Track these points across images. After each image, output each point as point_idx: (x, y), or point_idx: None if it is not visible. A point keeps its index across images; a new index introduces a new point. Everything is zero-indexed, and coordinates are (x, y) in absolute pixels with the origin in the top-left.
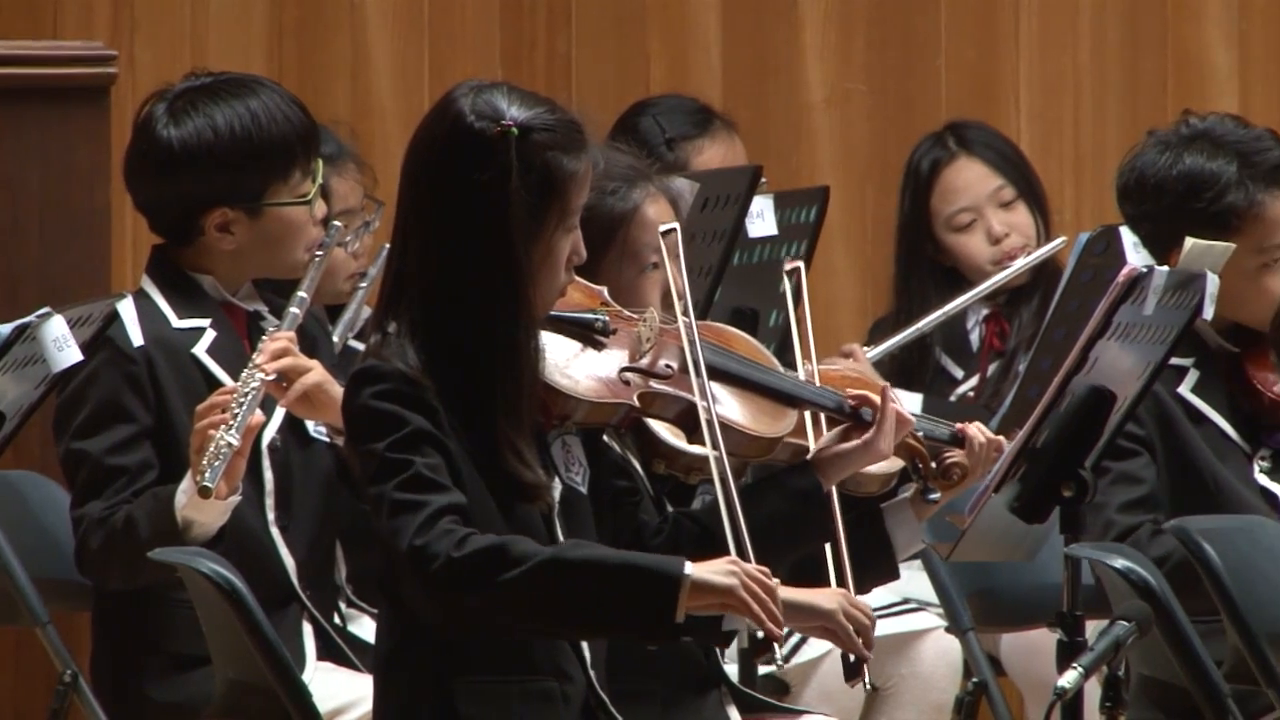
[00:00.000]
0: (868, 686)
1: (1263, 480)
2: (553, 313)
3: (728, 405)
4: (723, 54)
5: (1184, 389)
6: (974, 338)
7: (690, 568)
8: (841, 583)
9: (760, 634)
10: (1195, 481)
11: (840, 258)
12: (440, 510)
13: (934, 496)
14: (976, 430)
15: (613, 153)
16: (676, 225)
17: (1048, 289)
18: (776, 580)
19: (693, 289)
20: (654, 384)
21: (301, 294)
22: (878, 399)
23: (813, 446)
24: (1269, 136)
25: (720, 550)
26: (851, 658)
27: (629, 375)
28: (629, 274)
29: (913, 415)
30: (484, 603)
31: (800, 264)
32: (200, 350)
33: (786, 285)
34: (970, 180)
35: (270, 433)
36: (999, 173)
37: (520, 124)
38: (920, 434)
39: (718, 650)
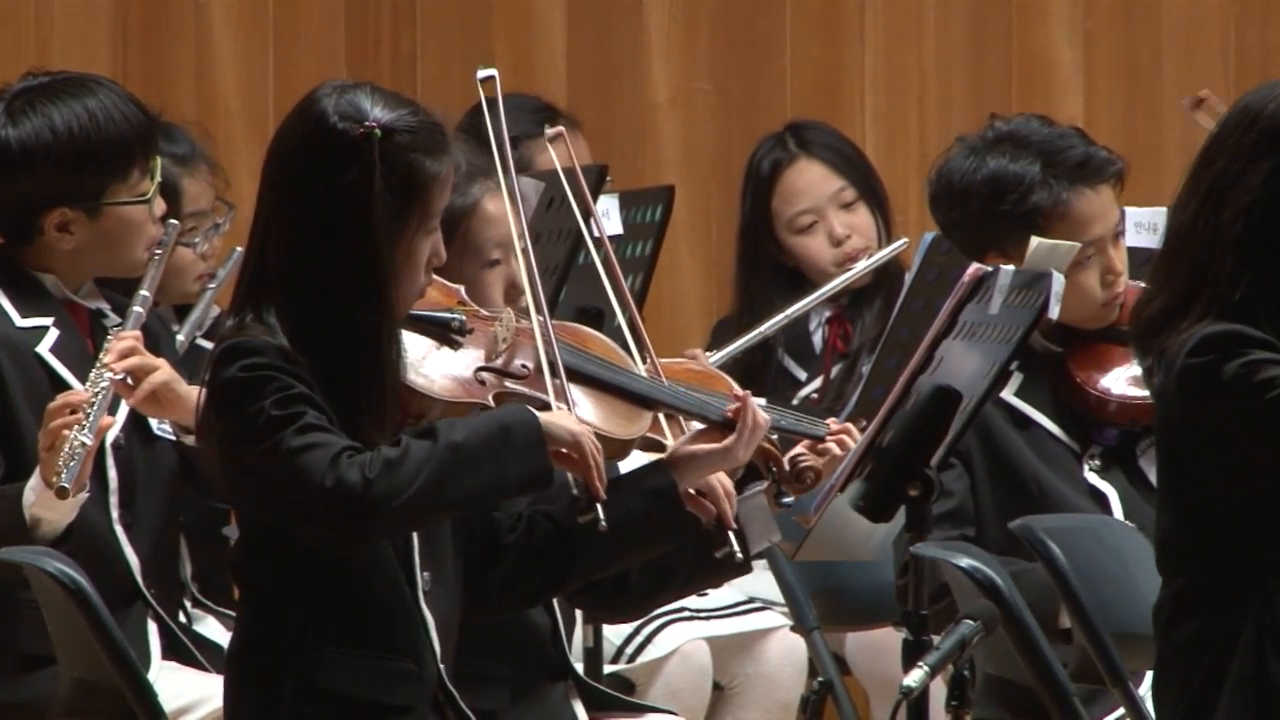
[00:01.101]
0: (737, 558)
1: (1093, 479)
2: (410, 311)
3: (584, 406)
4: (567, 53)
5: (1008, 393)
6: (817, 339)
7: (541, 417)
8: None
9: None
10: (1018, 486)
11: (685, 257)
12: (342, 449)
13: (787, 500)
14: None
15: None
16: (493, 71)
17: (890, 290)
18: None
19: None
20: (509, 384)
21: (144, 292)
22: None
23: (670, 445)
24: (1074, 134)
25: (581, 548)
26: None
27: (485, 375)
28: (471, 269)
29: (779, 411)
30: (406, 511)
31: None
32: (44, 349)
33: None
34: (811, 182)
35: (114, 431)
36: (840, 174)
37: (383, 125)
38: (775, 436)
39: (565, 643)
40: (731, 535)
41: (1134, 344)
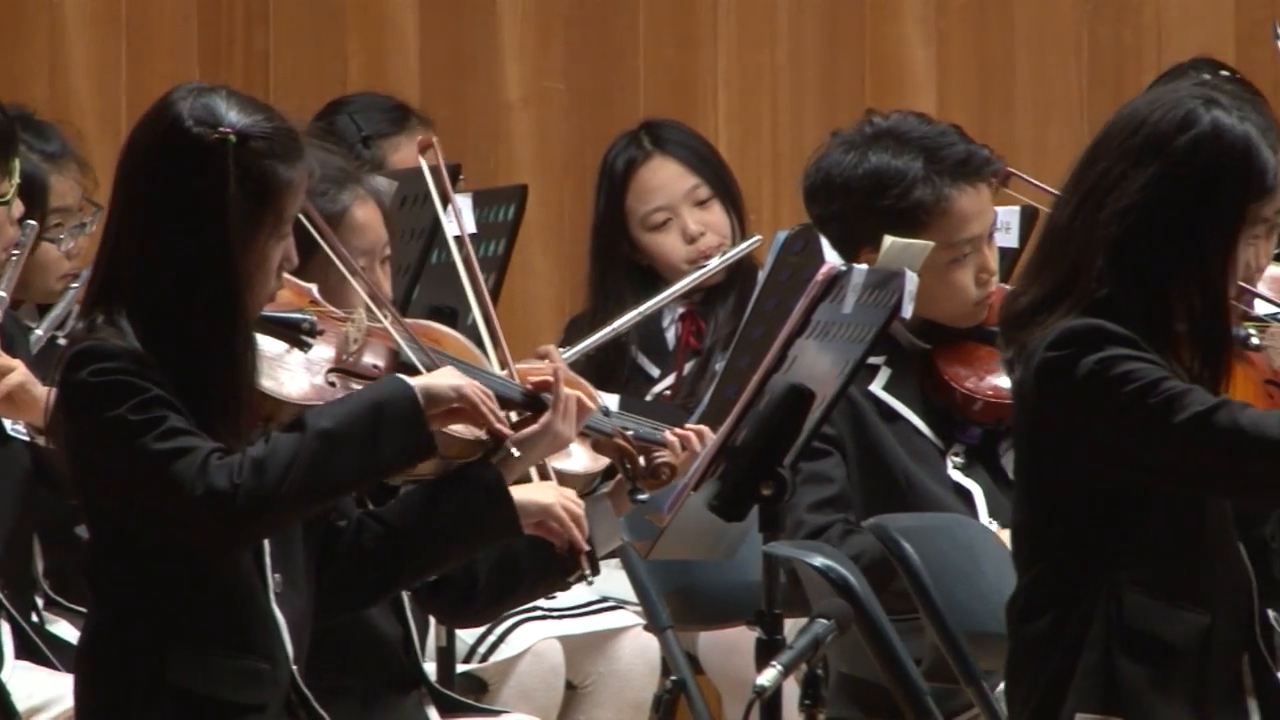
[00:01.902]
0: (589, 579)
1: (956, 476)
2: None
3: None
4: (420, 52)
5: (876, 387)
6: (670, 336)
7: (414, 382)
8: (545, 477)
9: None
10: (887, 479)
11: (538, 256)
12: (209, 453)
13: (642, 496)
14: (676, 436)
15: (323, 154)
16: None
17: (743, 288)
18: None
19: (392, 286)
20: (360, 384)
21: (0, 293)
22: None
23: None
24: (953, 132)
25: (408, 549)
26: (570, 550)
27: (335, 376)
28: (336, 275)
29: (617, 413)
30: (281, 508)
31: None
32: None
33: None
34: (665, 179)
35: None
36: (694, 172)
37: (238, 131)
38: (631, 434)
39: (418, 651)
40: (584, 558)
41: (1000, 335)
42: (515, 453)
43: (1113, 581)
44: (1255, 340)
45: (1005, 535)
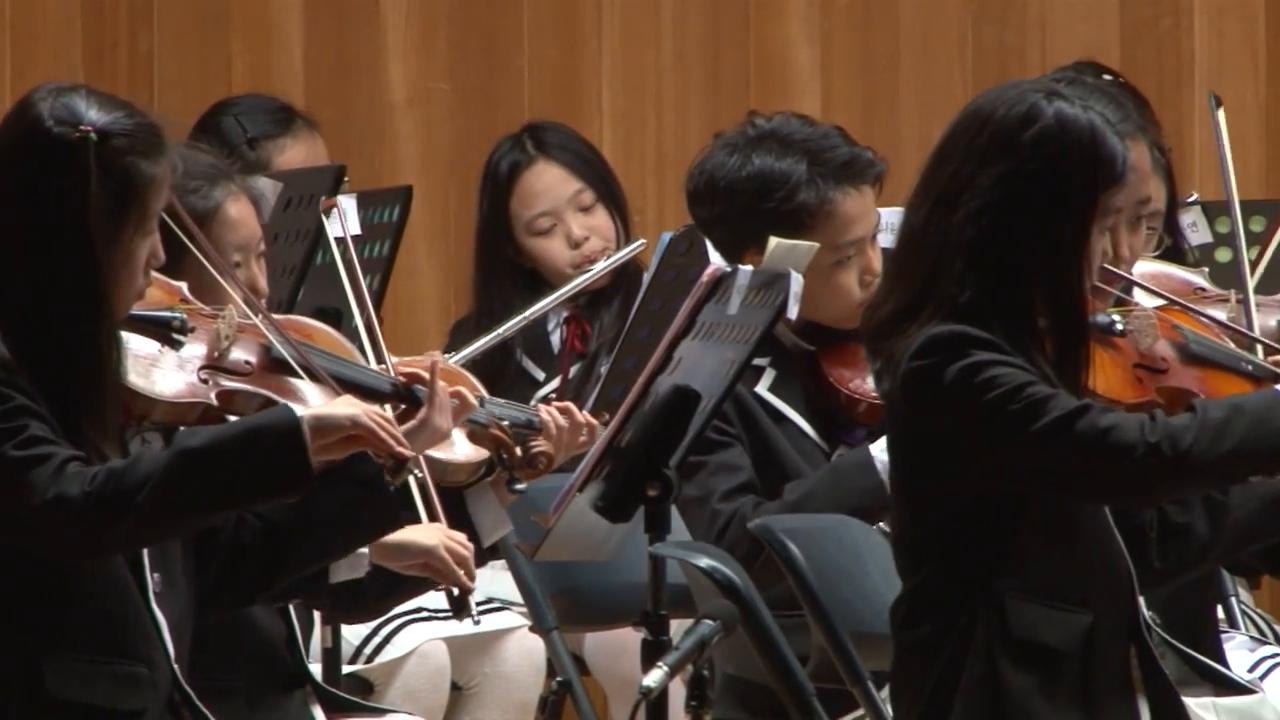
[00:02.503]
0: (475, 619)
1: None
2: (129, 311)
3: (312, 400)
4: (305, 53)
5: (761, 388)
6: (555, 340)
7: (304, 410)
8: (434, 518)
9: (456, 591)
10: (779, 478)
11: (423, 257)
12: (66, 459)
13: (520, 486)
14: (549, 415)
15: (194, 152)
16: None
17: (628, 291)
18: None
19: (276, 288)
20: (233, 381)
21: None
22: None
23: None
24: (836, 134)
25: (288, 545)
26: (455, 592)
27: (206, 373)
28: (209, 272)
29: (490, 400)
30: (136, 521)
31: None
32: None
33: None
34: (549, 184)
35: None
36: (577, 176)
37: (99, 129)
38: (506, 422)
39: (302, 650)
40: (468, 600)
41: (866, 347)
42: (418, 473)
43: (993, 589)
44: (1120, 326)
45: None
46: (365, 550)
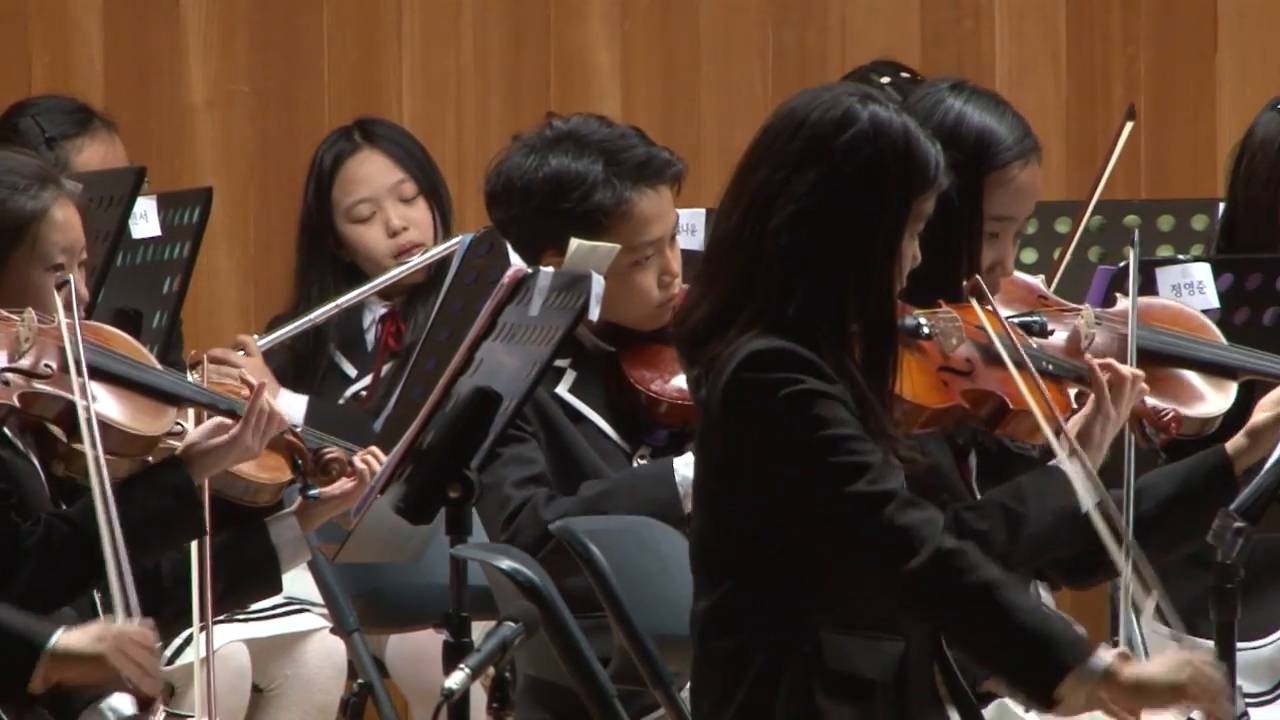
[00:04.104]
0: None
1: None
2: None
3: (107, 404)
4: (104, 54)
5: (562, 389)
6: (370, 336)
7: (58, 638)
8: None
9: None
10: (577, 479)
11: (223, 259)
12: None
13: (314, 493)
14: (364, 463)
15: (19, 155)
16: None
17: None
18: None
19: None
20: (34, 384)
21: None
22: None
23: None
24: (633, 134)
25: (97, 550)
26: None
27: (9, 376)
28: (35, 274)
29: (310, 433)
30: None
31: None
32: None
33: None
34: (371, 172)
35: None
36: (401, 167)
37: None
38: (299, 430)
39: None
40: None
41: (679, 353)
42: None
43: (807, 624)
44: (926, 329)
45: None
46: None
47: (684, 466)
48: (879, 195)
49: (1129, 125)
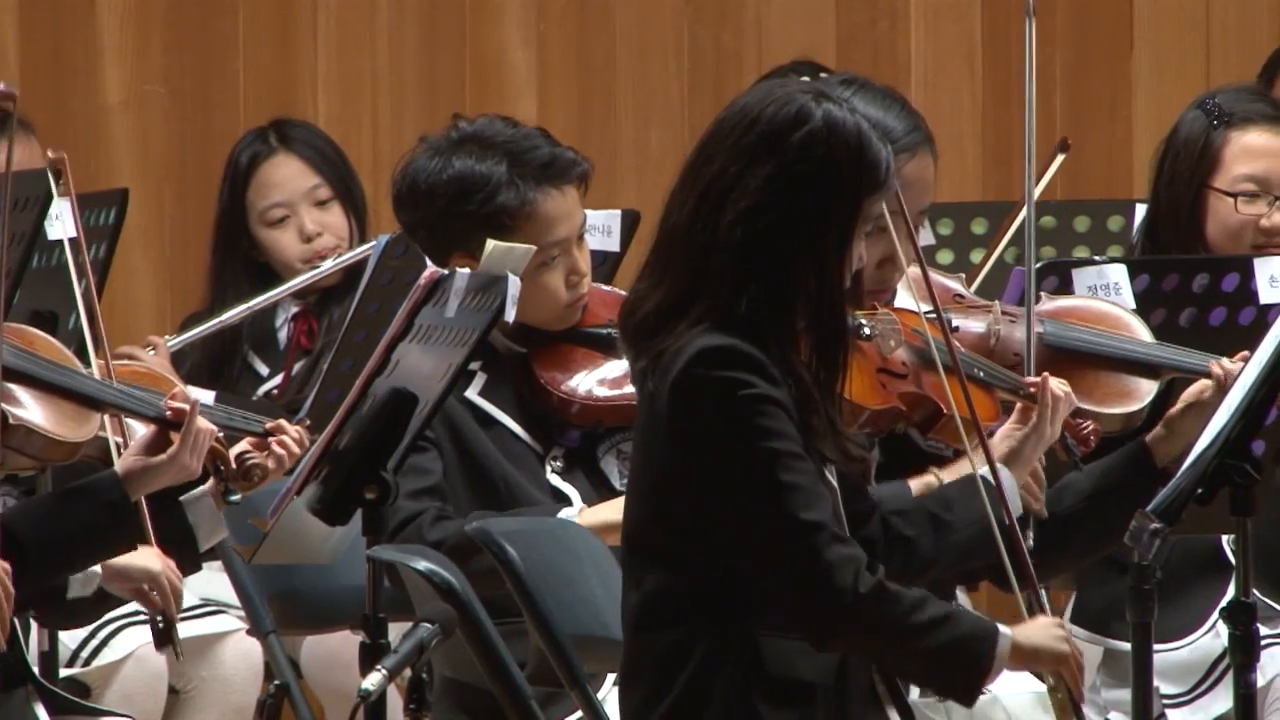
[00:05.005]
0: (179, 654)
1: (555, 480)
2: None
3: (30, 409)
4: (20, 55)
5: (472, 393)
6: (283, 336)
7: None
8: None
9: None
10: (487, 484)
11: (139, 259)
12: None
13: (235, 498)
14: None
15: None
16: None
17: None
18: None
19: None
20: None
21: None
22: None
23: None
24: (538, 135)
25: (31, 558)
26: (162, 624)
27: None
28: None
29: (222, 409)
30: None
31: None
32: None
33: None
34: (286, 177)
35: None
36: (316, 171)
37: None
38: (222, 434)
39: (23, 647)
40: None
41: (626, 342)
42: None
43: (743, 625)
44: (866, 330)
45: None
46: (98, 569)
47: (572, 518)
48: (830, 194)
49: (1060, 158)
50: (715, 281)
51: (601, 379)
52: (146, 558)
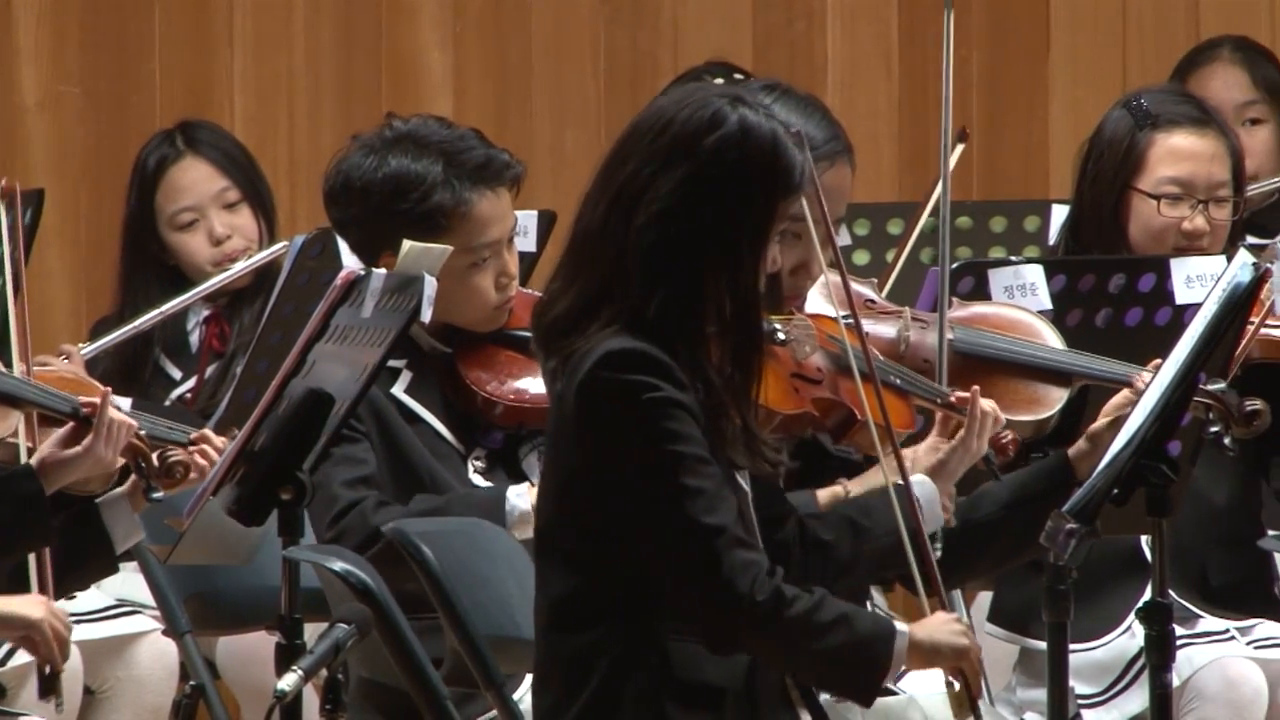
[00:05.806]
0: (60, 705)
1: (478, 480)
2: None
3: None
4: None
5: (397, 390)
6: (194, 339)
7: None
8: (43, 589)
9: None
10: (414, 480)
11: (55, 260)
12: None
13: (157, 495)
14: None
15: None
16: None
17: (270, 292)
18: None
19: None
20: None
21: None
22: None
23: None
24: (473, 136)
25: None
26: (48, 670)
27: None
28: None
29: (146, 418)
30: None
31: None
32: None
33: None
34: (194, 180)
35: None
36: (224, 174)
37: None
38: (143, 433)
39: None
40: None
41: (538, 343)
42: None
43: (652, 629)
44: (781, 334)
45: None
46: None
47: (516, 497)
48: (744, 198)
49: (960, 147)
50: (626, 284)
51: (526, 381)
52: (29, 605)
